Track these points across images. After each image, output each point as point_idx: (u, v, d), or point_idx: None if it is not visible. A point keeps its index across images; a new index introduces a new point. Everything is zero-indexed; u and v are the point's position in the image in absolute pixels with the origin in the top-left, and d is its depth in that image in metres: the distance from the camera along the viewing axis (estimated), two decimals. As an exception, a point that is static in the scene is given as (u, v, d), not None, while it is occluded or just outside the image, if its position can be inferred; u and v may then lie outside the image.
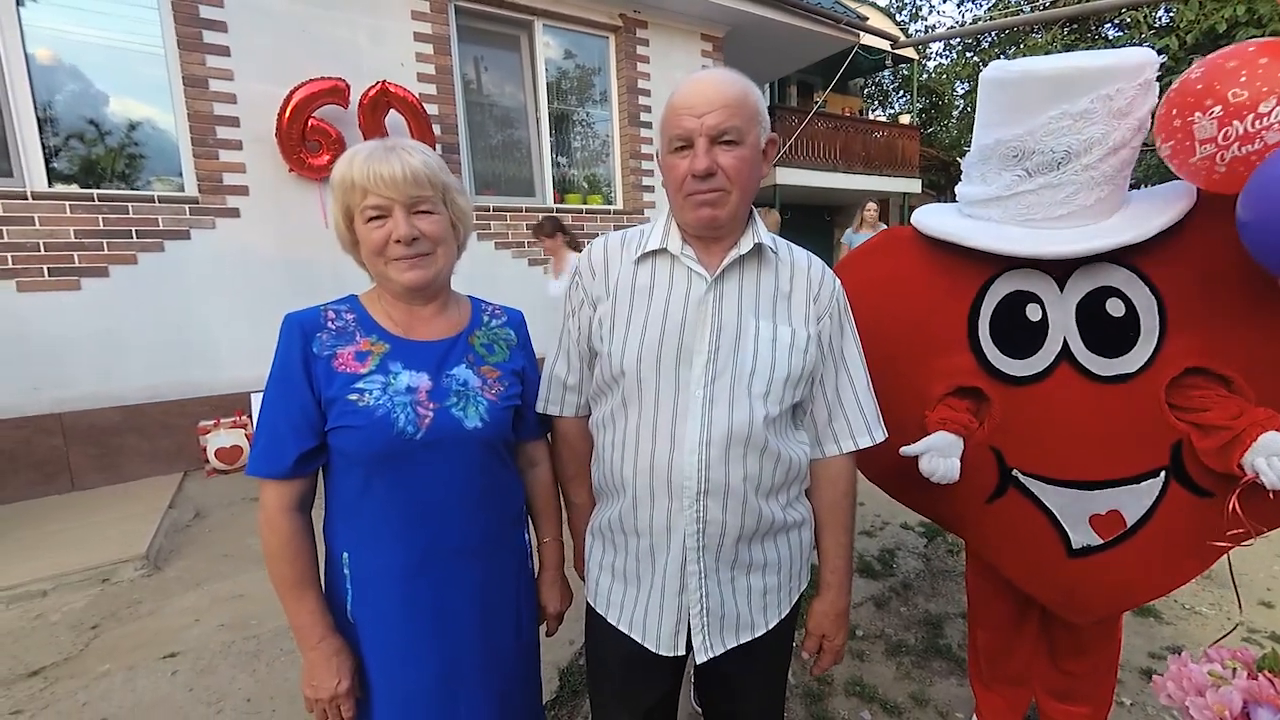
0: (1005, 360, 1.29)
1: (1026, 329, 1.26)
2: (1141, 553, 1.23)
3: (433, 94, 4.51)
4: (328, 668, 0.97)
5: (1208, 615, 2.36)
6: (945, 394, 1.35)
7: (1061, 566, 1.30)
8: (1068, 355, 1.23)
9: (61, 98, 3.60)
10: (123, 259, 3.61)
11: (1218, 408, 1.12)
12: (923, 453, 1.26)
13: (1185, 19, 8.25)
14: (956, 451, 1.28)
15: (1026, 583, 1.40)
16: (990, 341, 1.30)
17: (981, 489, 1.35)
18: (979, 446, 1.32)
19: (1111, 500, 1.22)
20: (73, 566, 2.61)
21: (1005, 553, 1.41)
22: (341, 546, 1.02)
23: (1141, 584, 1.27)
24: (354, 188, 0.95)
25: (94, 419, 3.57)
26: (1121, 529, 1.23)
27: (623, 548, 1.04)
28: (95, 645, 2.19)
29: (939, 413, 1.33)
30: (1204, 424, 1.13)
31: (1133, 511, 1.22)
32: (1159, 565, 1.24)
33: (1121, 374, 1.19)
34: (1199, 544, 1.19)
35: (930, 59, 16.84)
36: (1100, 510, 1.24)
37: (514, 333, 1.16)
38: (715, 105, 0.91)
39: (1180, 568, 1.25)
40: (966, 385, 1.33)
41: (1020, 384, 1.28)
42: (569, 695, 1.91)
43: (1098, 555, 1.26)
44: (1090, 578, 1.28)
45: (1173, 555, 1.23)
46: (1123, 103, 1.08)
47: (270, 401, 0.97)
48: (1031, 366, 1.26)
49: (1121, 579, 1.26)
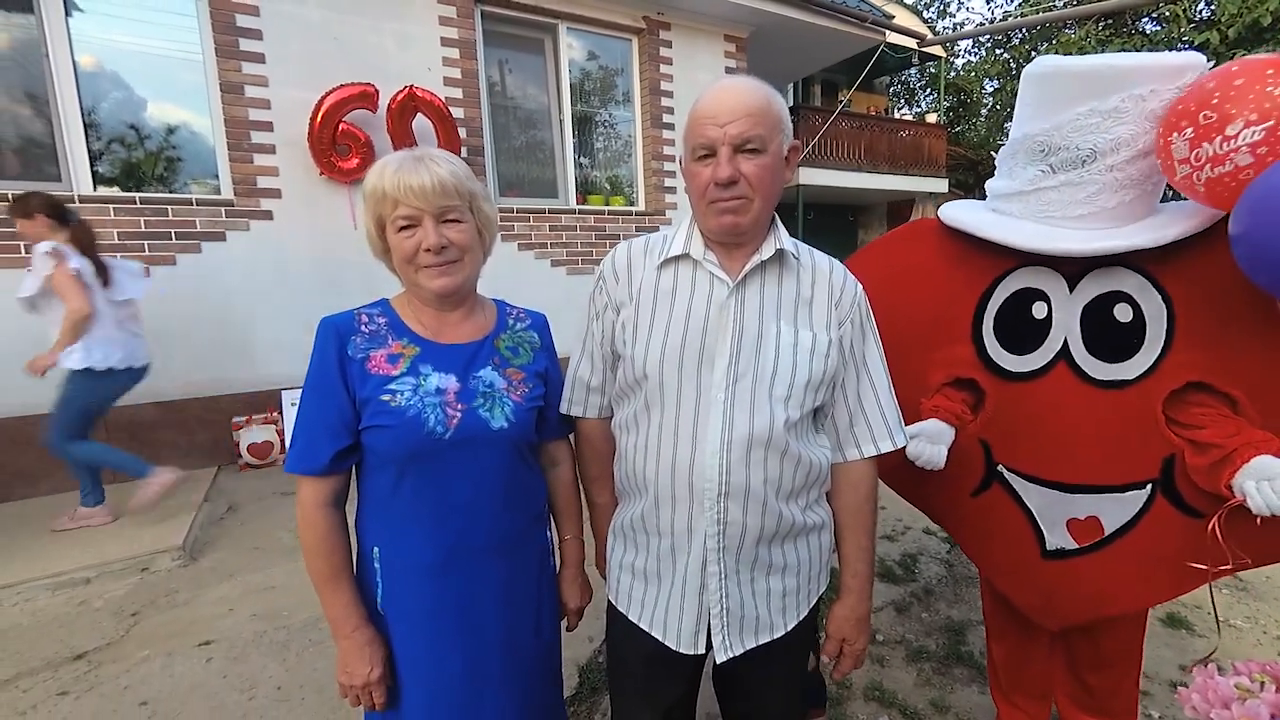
0: (1003, 354, 1.30)
1: (1030, 325, 1.26)
2: (1117, 563, 1.22)
3: (459, 98, 4.59)
4: (361, 656, 1.01)
5: (1242, 628, 2.29)
6: (943, 383, 1.37)
7: (1035, 567, 1.30)
8: (1066, 356, 1.22)
9: (106, 104, 3.75)
10: (163, 259, 3.74)
11: (1215, 426, 1.08)
12: (912, 436, 1.27)
13: (1227, 12, 7.96)
14: (946, 440, 1.30)
15: (1001, 580, 1.42)
16: (992, 335, 1.31)
17: (968, 481, 1.37)
18: (969, 438, 1.33)
19: (1091, 506, 1.21)
20: (114, 556, 2.72)
21: (984, 548, 1.42)
22: (372, 541, 1.06)
23: (1117, 595, 1.25)
24: (385, 198, 0.99)
25: (134, 414, 3.71)
26: (1098, 536, 1.22)
27: (644, 547, 1.06)
28: (135, 631, 2.29)
29: (934, 400, 1.35)
30: (1199, 441, 1.10)
31: (1112, 520, 1.20)
32: (1136, 579, 1.22)
33: (1118, 380, 1.18)
34: (1181, 564, 1.15)
35: (958, 56, 16.52)
36: (1079, 515, 1.23)
37: (537, 335, 1.19)
38: (738, 114, 0.93)
39: (1159, 584, 1.22)
40: (964, 376, 1.34)
41: (1015, 380, 1.28)
42: (588, 692, 1.94)
43: (1071, 560, 1.26)
44: (1062, 582, 1.28)
45: (1152, 571, 1.20)
46: (1157, 105, 1.06)
47: (307, 401, 1.01)
48: (1029, 363, 1.26)
49: (1095, 587, 1.25)
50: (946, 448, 1.30)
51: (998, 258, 1.28)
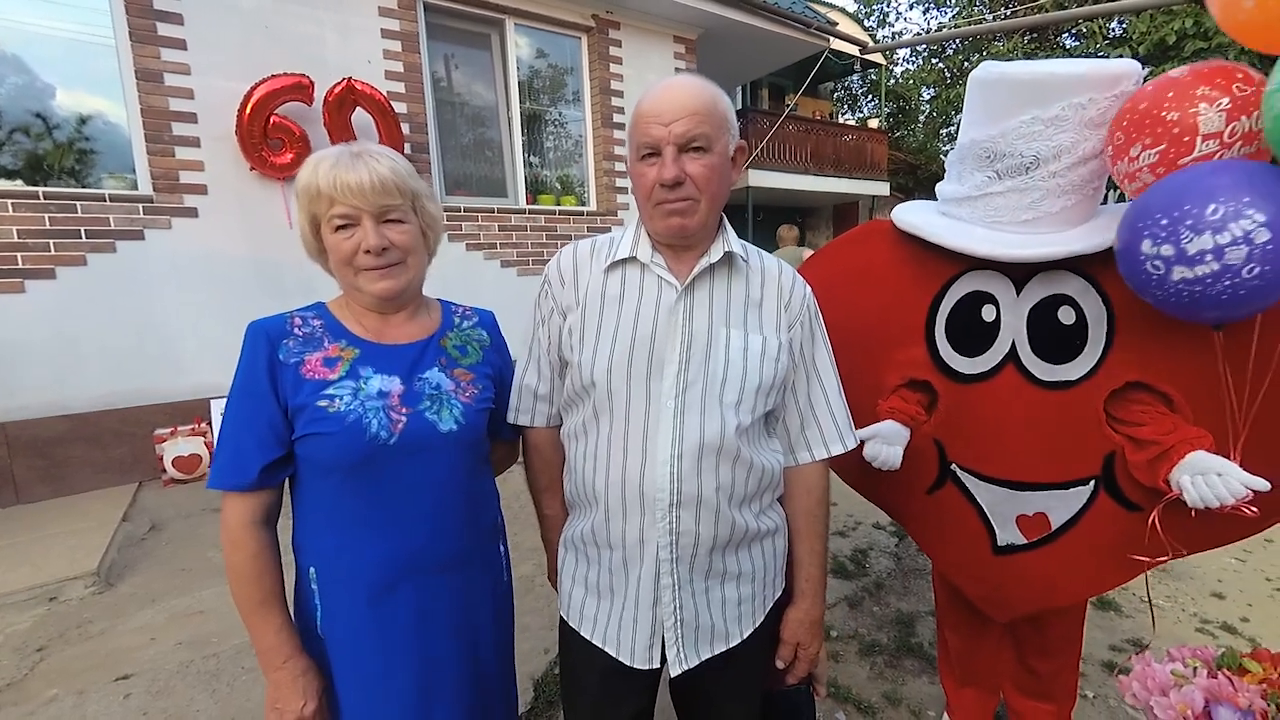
0: (955, 357, 1.33)
1: (979, 328, 1.29)
2: (1064, 557, 1.27)
3: (401, 92, 4.42)
4: (294, 689, 0.93)
5: (1164, 608, 2.45)
6: (899, 385, 1.40)
7: (987, 562, 1.34)
8: (1014, 358, 1.26)
9: (4, 90, 3.42)
10: (71, 260, 3.44)
11: (1153, 423, 1.13)
12: (869, 438, 1.31)
13: (1138, 30, 8.61)
14: (901, 441, 1.33)
15: (955, 575, 1.46)
16: (944, 337, 1.34)
17: (923, 479, 1.40)
18: (924, 438, 1.36)
19: (1039, 503, 1.26)
20: (17, 585, 2.47)
21: (939, 544, 1.47)
22: (309, 561, 0.98)
23: (1062, 587, 1.30)
24: (320, 196, 0.92)
25: (40, 429, 3.39)
26: (1046, 531, 1.27)
27: (595, 560, 1.03)
28: (41, 669, 2.08)
29: (890, 402, 1.38)
30: (1138, 438, 1.14)
31: (1059, 516, 1.25)
32: (1081, 570, 1.27)
33: (1063, 380, 1.22)
34: (1123, 555, 1.21)
35: (898, 64, 17.21)
36: (1028, 511, 1.28)
37: (486, 333, 1.14)
38: (683, 113, 0.91)
39: (1102, 575, 1.28)
40: (918, 378, 1.37)
41: (967, 381, 1.31)
42: (544, 706, 1.88)
43: (1021, 554, 1.31)
44: (1013, 575, 1.33)
45: (1095, 562, 1.25)
46: (1095, 113, 1.10)
47: (233, 411, 0.93)
48: (979, 365, 1.30)
49: (1044, 579, 1.30)
50: (902, 448, 1.32)
51: (948, 261, 1.31)
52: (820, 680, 1.21)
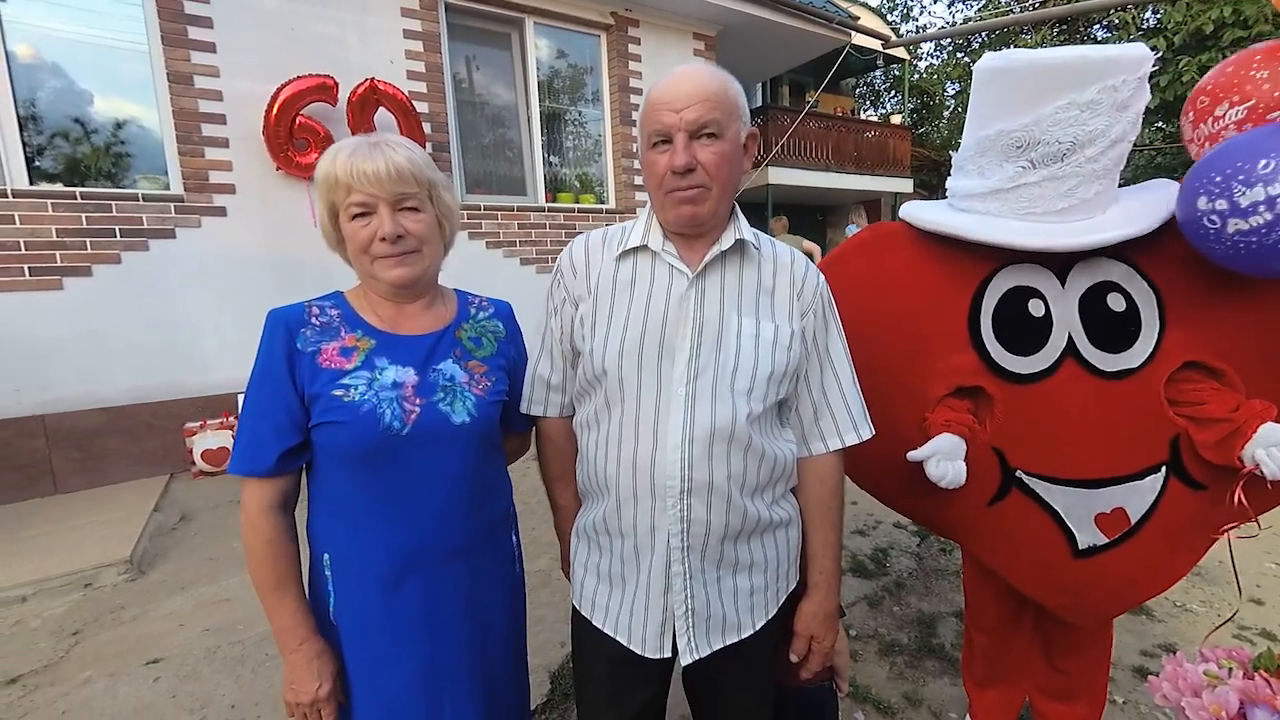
0: (1008, 357, 1.26)
1: (1030, 325, 1.23)
2: (1145, 550, 1.22)
3: (422, 92, 4.48)
4: (308, 671, 0.95)
5: (1199, 613, 2.37)
6: (945, 395, 1.31)
7: (1068, 568, 1.26)
8: (1073, 351, 1.21)
9: (44, 95, 3.55)
10: (106, 258, 3.55)
11: (1214, 401, 1.12)
12: (929, 457, 1.21)
13: (1173, 20, 8.34)
14: (962, 454, 1.24)
15: (1030, 586, 1.36)
16: (994, 339, 1.27)
17: (983, 491, 1.30)
18: (981, 447, 1.27)
19: (1116, 498, 1.20)
20: (54, 571, 2.56)
21: (1007, 556, 1.36)
22: (323, 548, 0.99)
23: (1144, 581, 1.26)
24: (338, 185, 0.93)
25: (77, 421, 3.51)
26: (1126, 527, 1.21)
27: (607, 549, 1.03)
28: (76, 652, 2.15)
29: (941, 414, 1.28)
30: (1201, 417, 1.13)
31: (1136, 508, 1.20)
32: (1159, 561, 1.23)
33: (1126, 369, 1.18)
34: (1192, 537, 1.19)
35: (921, 59, 16.93)
36: (1105, 509, 1.21)
37: (502, 325, 1.15)
38: (694, 99, 0.90)
39: (1177, 562, 1.25)
40: (968, 385, 1.29)
41: (1024, 382, 1.25)
42: (560, 698, 1.89)
43: (1103, 554, 1.23)
44: (1096, 577, 1.26)
45: (1169, 550, 1.22)
46: (1125, 95, 1.08)
47: (252, 398, 0.95)
48: (1036, 364, 1.24)
49: (1126, 577, 1.25)
50: (964, 462, 1.24)
51: (978, 259, 1.26)
52: (841, 675, 1.19)
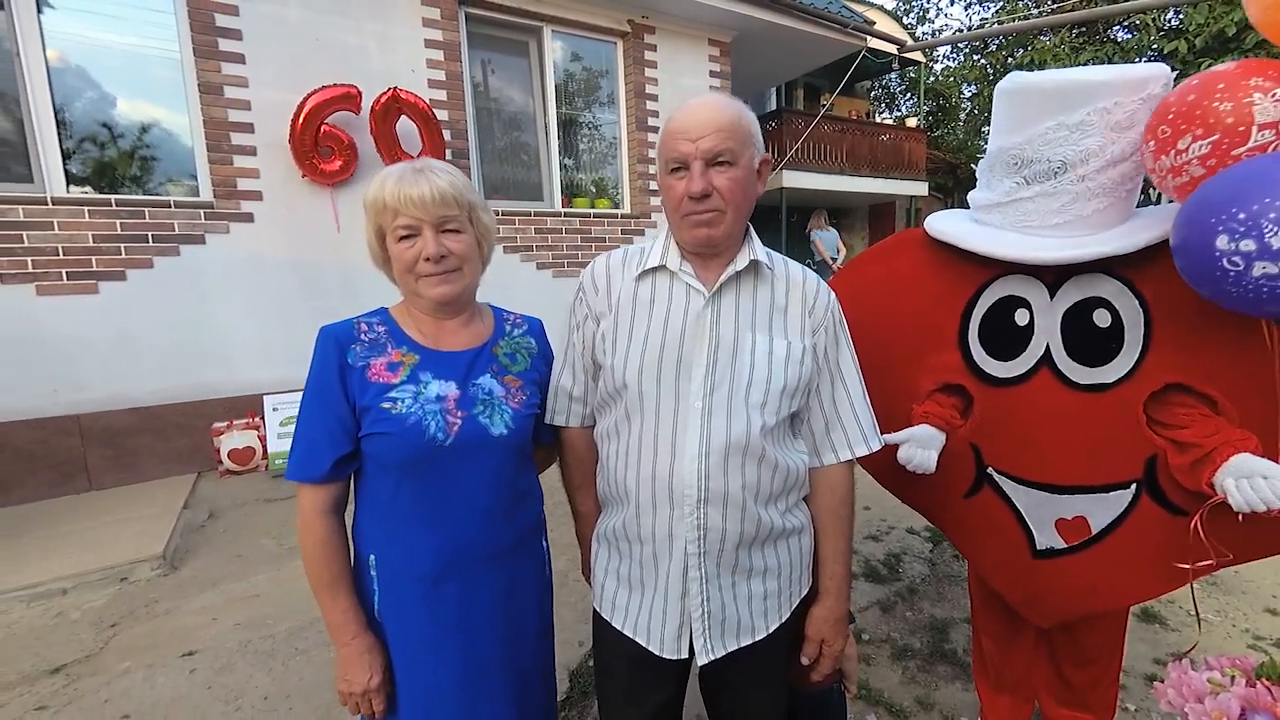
0: (989, 360, 1.34)
1: (1012, 332, 1.30)
2: (1105, 561, 1.25)
3: (443, 99, 4.56)
4: (360, 664, 1.02)
5: (1213, 622, 2.37)
6: (933, 389, 1.41)
7: (1026, 566, 1.34)
8: (1048, 361, 1.26)
9: (79, 103, 3.66)
10: (139, 263, 3.67)
11: (1195, 426, 1.12)
12: (902, 441, 1.32)
13: (1194, 22, 8.23)
14: (936, 445, 1.34)
15: (994, 579, 1.46)
16: (977, 342, 1.35)
17: (960, 483, 1.41)
18: (960, 442, 1.37)
19: (1079, 506, 1.25)
20: (91, 566, 2.66)
21: (977, 547, 1.47)
22: (369, 549, 1.06)
23: (1105, 591, 1.29)
24: (386, 209, 1.00)
25: (110, 420, 3.63)
26: (1086, 535, 1.26)
27: (627, 554, 1.08)
28: (115, 643, 2.24)
29: (924, 406, 1.39)
30: (1180, 441, 1.13)
31: (1099, 519, 1.24)
32: (1124, 575, 1.26)
33: (1099, 383, 1.22)
34: (1168, 561, 1.18)
35: (937, 61, 16.82)
36: (1067, 515, 1.27)
37: (534, 341, 1.21)
38: (709, 130, 0.96)
39: (1146, 582, 1.26)
40: (952, 382, 1.39)
41: (1001, 385, 1.32)
42: (579, 696, 1.94)
43: (1061, 559, 1.30)
44: (1054, 579, 1.32)
45: (1139, 568, 1.24)
46: (1122, 116, 1.10)
47: (308, 410, 1.02)
48: (1013, 369, 1.31)
49: (1085, 584, 1.29)
50: (937, 452, 1.33)
51: (981, 267, 1.32)
52: (851, 678, 1.24)
